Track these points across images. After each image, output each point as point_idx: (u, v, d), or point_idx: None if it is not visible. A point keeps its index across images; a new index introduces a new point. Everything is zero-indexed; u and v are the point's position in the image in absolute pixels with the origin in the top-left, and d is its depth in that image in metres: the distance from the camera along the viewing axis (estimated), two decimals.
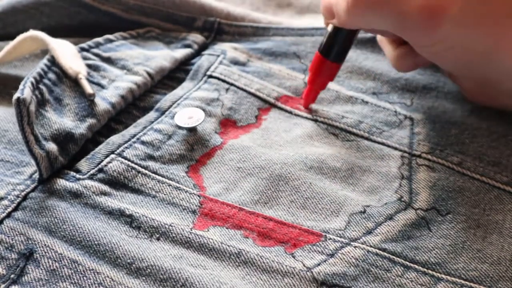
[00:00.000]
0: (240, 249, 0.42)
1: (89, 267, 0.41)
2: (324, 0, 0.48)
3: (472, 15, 0.42)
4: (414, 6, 0.42)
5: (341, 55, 0.51)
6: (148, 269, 0.40)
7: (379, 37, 0.53)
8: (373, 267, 0.41)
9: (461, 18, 0.42)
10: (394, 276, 0.41)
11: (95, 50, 0.55)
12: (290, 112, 0.53)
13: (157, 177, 0.46)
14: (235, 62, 0.56)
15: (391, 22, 0.44)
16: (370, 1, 0.43)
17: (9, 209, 0.44)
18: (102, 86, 0.52)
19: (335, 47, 0.50)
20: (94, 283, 0.40)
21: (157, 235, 0.43)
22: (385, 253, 0.42)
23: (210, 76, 0.55)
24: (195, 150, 0.48)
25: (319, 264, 0.41)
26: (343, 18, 0.46)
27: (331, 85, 0.55)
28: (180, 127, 0.49)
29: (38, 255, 0.41)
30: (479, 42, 0.43)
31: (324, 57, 0.50)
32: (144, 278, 0.40)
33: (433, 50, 0.44)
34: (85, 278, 0.40)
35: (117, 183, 0.46)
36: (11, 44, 0.54)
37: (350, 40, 0.50)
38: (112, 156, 0.47)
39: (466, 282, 0.41)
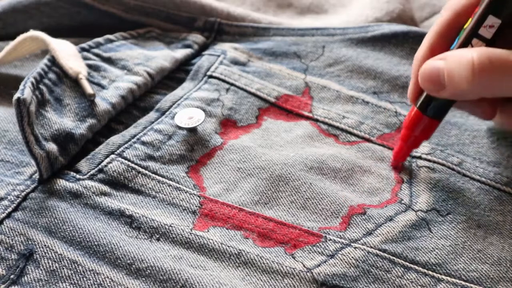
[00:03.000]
0: (240, 250, 0.42)
1: (89, 268, 0.41)
2: (427, 68, 0.43)
3: None
4: None
5: (443, 112, 0.46)
6: (148, 270, 0.40)
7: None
8: (373, 268, 0.41)
9: None
10: (394, 277, 0.41)
11: (96, 50, 0.55)
12: (291, 112, 0.53)
13: (157, 177, 0.46)
14: (236, 62, 0.56)
15: None
16: (505, 67, 0.39)
17: (9, 210, 0.44)
18: (103, 86, 0.52)
19: (437, 102, 0.45)
20: (94, 284, 0.40)
21: (157, 236, 0.43)
22: (385, 254, 0.42)
23: (211, 76, 0.55)
24: (195, 151, 0.48)
25: (319, 265, 0.41)
26: (463, 87, 0.40)
27: (332, 84, 0.55)
28: (180, 128, 0.49)
29: (38, 256, 0.41)
30: None
31: (423, 113, 0.45)
32: (144, 278, 0.40)
33: None
34: (85, 278, 0.40)
35: (117, 183, 0.46)
36: (12, 44, 0.54)
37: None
38: (112, 156, 0.47)
39: (466, 283, 0.41)
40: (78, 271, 0.41)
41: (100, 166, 0.46)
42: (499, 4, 0.42)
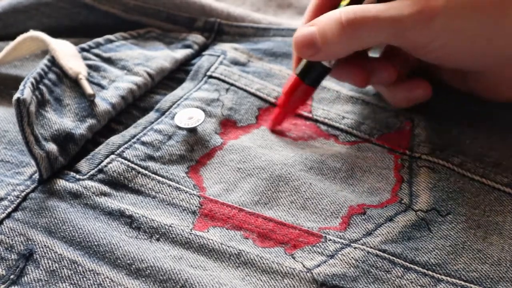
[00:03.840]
0: (240, 250, 0.42)
1: (89, 268, 0.41)
2: (300, 34, 0.47)
3: (467, 3, 0.43)
4: (408, 12, 0.43)
5: (318, 79, 0.50)
6: (148, 270, 0.40)
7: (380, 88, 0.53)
8: (373, 268, 0.41)
9: (454, 10, 0.43)
10: (394, 277, 0.41)
11: (96, 51, 0.55)
12: None
13: (157, 177, 0.46)
14: (236, 63, 0.56)
15: (387, 33, 0.44)
16: (368, 19, 0.44)
17: (9, 210, 0.44)
18: (102, 87, 0.52)
19: (314, 71, 0.49)
20: (94, 284, 0.40)
21: (157, 236, 0.43)
22: (385, 254, 0.42)
23: (210, 77, 0.55)
24: (195, 151, 0.48)
25: (319, 265, 0.41)
26: (335, 46, 0.45)
27: (332, 85, 0.55)
28: (180, 128, 0.49)
29: (38, 256, 0.41)
30: (478, 29, 0.44)
31: (301, 79, 0.49)
32: (144, 279, 0.40)
33: (431, 48, 0.45)
34: (84, 278, 0.40)
35: (117, 183, 0.46)
36: (12, 44, 0.54)
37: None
38: (112, 156, 0.47)
39: (466, 283, 0.41)
40: (78, 271, 0.41)
41: (100, 166, 0.46)
42: None
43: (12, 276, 0.40)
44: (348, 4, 0.46)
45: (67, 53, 0.52)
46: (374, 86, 0.53)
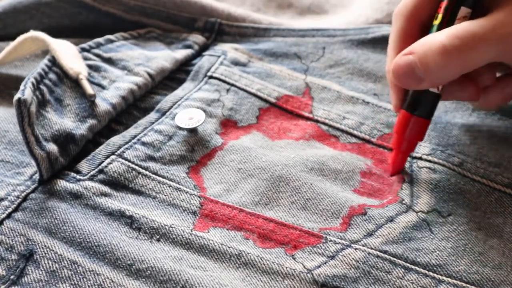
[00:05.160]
0: (240, 251, 0.42)
1: (89, 268, 0.41)
2: (397, 65, 0.43)
3: None
4: None
5: (431, 108, 0.46)
6: (148, 271, 0.40)
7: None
8: (374, 269, 0.41)
9: None
10: (394, 278, 0.41)
11: (96, 51, 0.55)
12: (291, 113, 0.53)
13: (158, 178, 0.46)
14: (236, 63, 0.56)
15: (496, 51, 0.42)
16: (475, 41, 0.41)
17: (9, 210, 0.44)
18: (103, 87, 0.52)
19: (423, 100, 0.45)
20: (94, 284, 0.40)
21: (158, 236, 0.43)
22: (386, 255, 0.42)
23: (211, 77, 0.55)
24: (196, 151, 0.48)
25: (319, 266, 0.41)
26: (439, 73, 0.42)
27: (332, 85, 0.55)
28: (180, 128, 0.49)
29: (38, 256, 0.41)
30: None
31: (411, 113, 0.45)
32: (144, 279, 0.40)
33: None
34: (85, 279, 0.40)
35: (118, 184, 0.46)
36: (12, 44, 0.54)
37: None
38: (113, 157, 0.47)
39: (468, 285, 0.41)
40: (78, 271, 0.40)
41: (100, 167, 0.46)
42: None
43: (12, 277, 0.40)
44: (441, 22, 0.44)
45: (68, 53, 0.52)
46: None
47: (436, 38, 0.42)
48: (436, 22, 0.44)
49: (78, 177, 0.46)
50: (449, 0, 0.44)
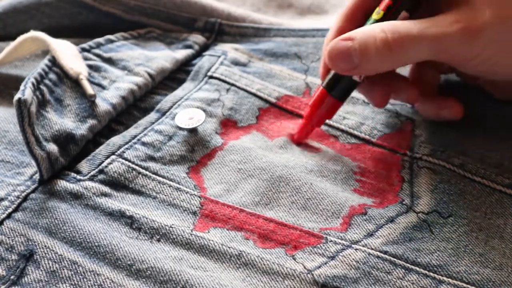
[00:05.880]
0: (240, 251, 0.42)
1: (89, 269, 0.41)
2: (336, 48, 0.45)
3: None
4: (452, 30, 0.43)
5: (346, 93, 0.48)
6: (149, 271, 0.40)
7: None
8: (374, 269, 0.41)
9: (503, 25, 0.43)
10: (395, 278, 0.41)
11: (96, 51, 0.54)
12: (291, 113, 0.53)
13: (158, 178, 0.46)
14: (236, 63, 0.56)
15: (431, 50, 0.44)
16: (412, 37, 0.43)
17: (10, 210, 0.44)
18: (103, 87, 0.52)
19: (342, 84, 0.48)
20: (94, 285, 0.40)
21: (158, 237, 0.43)
22: (386, 256, 0.42)
23: (211, 77, 0.55)
24: (196, 151, 0.48)
25: (320, 267, 0.41)
26: (375, 63, 0.44)
27: None
28: (180, 128, 0.49)
29: (38, 256, 0.41)
30: None
31: (329, 92, 0.48)
32: (144, 279, 0.40)
33: (476, 62, 0.45)
34: (85, 279, 0.40)
35: (118, 184, 0.46)
36: (12, 44, 0.54)
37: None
38: (113, 157, 0.47)
39: (468, 286, 0.41)
40: (79, 272, 0.40)
41: (100, 167, 0.46)
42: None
43: (12, 277, 0.40)
44: (381, 19, 0.46)
45: (68, 53, 0.52)
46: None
47: (378, 29, 0.44)
48: (376, 17, 0.46)
49: (78, 177, 0.46)
50: (394, 2, 0.46)
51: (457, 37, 0.43)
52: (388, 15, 0.46)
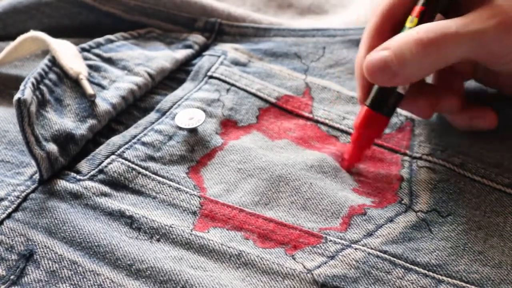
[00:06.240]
0: (240, 251, 0.42)
1: (89, 269, 0.41)
2: (372, 60, 0.44)
3: None
4: (490, 25, 0.43)
5: (392, 108, 0.47)
6: (148, 271, 0.40)
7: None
8: (374, 269, 0.41)
9: None
10: (394, 278, 0.41)
11: (96, 51, 0.54)
12: (291, 113, 0.53)
13: (158, 178, 0.46)
14: (236, 63, 0.56)
15: (470, 48, 0.43)
16: (450, 35, 0.42)
17: (9, 210, 0.44)
18: (103, 87, 0.52)
19: (387, 98, 0.46)
20: (94, 285, 0.40)
21: (158, 237, 0.43)
22: (386, 255, 0.42)
23: (211, 77, 0.55)
24: (196, 151, 0.48)
25: (319, 266, 0.41)
26: (414, 68, 0.43)
27: (332, 85, 0.55)
28: (180, 128, 0.49)
29: (38, 256, 0.41)
30: None
31: (374, 110, 0.46)
32: (144, 279, 0.40)
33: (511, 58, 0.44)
34: (85, 279, 0.40)
35: (118, 184, 0.46)
36: (12, 44, 0.54)
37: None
38: (113, 157, 0.47)
39: (467, 285, 0.41)
40: (78, 271, 0.41)
41: (100, 167, 0.46)
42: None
43: (12, 277, 0.40)
44: (417, 26, 0.45)
45: (68, 53, 0.52)
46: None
47: (412, 33, 0.43)
48: (411, 25, 0.45)
49: (78, 177, 0.46)
50: (426, 6, 0.45)
51: (495, 32, 0.43)
52: (424, 21, 0.45)
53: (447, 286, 0.41)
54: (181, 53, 0.57)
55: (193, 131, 0.49)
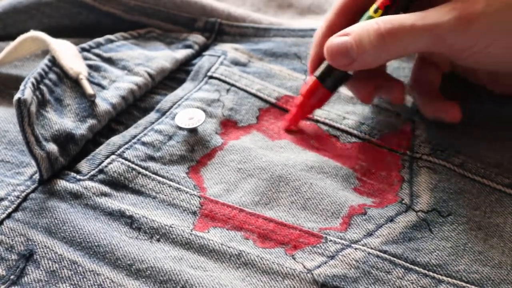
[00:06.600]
0: (240, 251, 0.42)
1: (89, 268, 0.41)
2: (334, 44, 0.46)
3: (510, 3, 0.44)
4: (446, 19, 0.44)
5: (338, 85, 0.50)
6: (148, 271, 0.40)
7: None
8: (374, 269, 0.41)
9: (496, 13, 0.43)
10: (394, 278, 0.41)
11: (96, 51, 0.55)
12: None
13: (158, 178, 0.46)
14: (236, 63, 0.56)
15: (426, 41, 0.44)
16: (406, 28, 0.44)
17: (9, 210, 0.44)
18: (103, 87, 0.52)
19: (335, 75, 0.49)
20: (94, 284, 0.40)
21: (158, 236, 0.43)
22: (386, 255, 0.42)
23: (211, 77, 0.55)
24: (196, 151, 0.48)
25: (319, 266, 0.41)
26: (371, 56, 0.45)
27: None
28: (180, 128, 0.49)
29: (38, 256, 0.41)
30: None
31: (321, 83, 0.49)
32: (144, 279, 0.40)
33: (471, 52, 0.45)
34: (85, 279, 0.40)
35: (118, 184, 0.46)
36: (12, 44, 0.54)
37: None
38: (113, 157, 0.47)
39: (467, 285, 0.41)
40: (78, 271, 0.41)
41: (100, 167, 0.46)
42: None
43: (12, 277, 0.40)
44: (381, 15, 0.47)
45: (68, 53, 0.52)
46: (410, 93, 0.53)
47: (371, 23, 0.45)
48: (374, 16, 0.47)
49: (78, 177, 0.46)
50: (392, 2, 0.47)
51: (452, 26, 0.43)
52: (387, 14, 0.46)
53: (447, 286, 0.41)
54: (181, 53, 0.57)
55: (193, 131, 0.49)
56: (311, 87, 0.49)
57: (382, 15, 0.47)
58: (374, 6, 0.47)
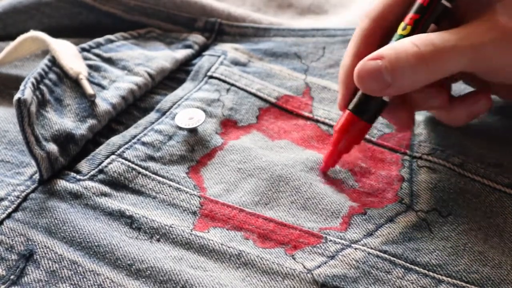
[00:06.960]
0: (240, 251, 0.42)
1: (89, 268, 0.41)
2: (366, 68, 0.42)
3: None
4: (489, 38, 0.42)
5: (375, 115, 0.46)
6: (148, 271, 0.40)
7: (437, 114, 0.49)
8: (374, 269, 0.41)
9: None
10: (394, 278, 0.41)
11: (96, 51, 0.55)
12: (291, 112, 0.53)
13: (158, 178, 0.46)
14: (236, 63, 0.56)
15: (468, 61, 0.42)
16: (448, 49, 0.41)
17: (9, 210, 0.44)
18: (103, 87, 0.52)
19: (371, 105, 0.45)
20: (94, 284, 0.40)
21: (158, 236, 0.43)
22: (386, 255, 0.42)
23: (211, 77, 0.55)
24: (196, 151, 0.48)
25: (319, 266, 0.41)
26: (409, 80, 0.42)
27: (332, 85, 0.54)
28: (180, 128, 0.49)
29: (38, 256, 0.41)
30: None
31: (356, 116, 0.45)
32: (144, 279, 0.40)
33: (510, 69, 0.44)
34: (85, 279, 0.40)
35: (118, 184, 0.46)
36: (12, 44, 0.54)
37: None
38: (113, 157, 0.47)
39: (467, 285, 0.41)
40: (78, 271, 0.41)
41: (100, 167, 0.46)
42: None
43: (12, 277, 0.40)
44: (409, 34, 0.43)
45: (68, 53, 0.52)
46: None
47: (409, 44, 0.42)
48: (403, 33, 0.44)
49: (78, 177, 0.46)
50: (420, 13, 0.44)
51: (495, 45, 0.42)
52: (417, 29, 0.44)
53: (447, 286, 0.41)
54: (181, 53, 0.57)
55: (193, 131, 0.49)
56: (345, 121, 0.45)
57: (412, 30, 0.43)
58: (402, 25, 0.44)
